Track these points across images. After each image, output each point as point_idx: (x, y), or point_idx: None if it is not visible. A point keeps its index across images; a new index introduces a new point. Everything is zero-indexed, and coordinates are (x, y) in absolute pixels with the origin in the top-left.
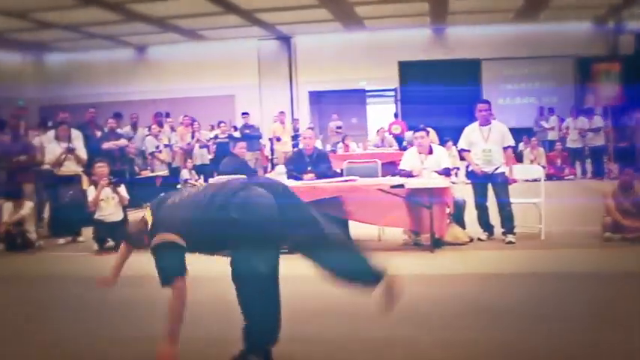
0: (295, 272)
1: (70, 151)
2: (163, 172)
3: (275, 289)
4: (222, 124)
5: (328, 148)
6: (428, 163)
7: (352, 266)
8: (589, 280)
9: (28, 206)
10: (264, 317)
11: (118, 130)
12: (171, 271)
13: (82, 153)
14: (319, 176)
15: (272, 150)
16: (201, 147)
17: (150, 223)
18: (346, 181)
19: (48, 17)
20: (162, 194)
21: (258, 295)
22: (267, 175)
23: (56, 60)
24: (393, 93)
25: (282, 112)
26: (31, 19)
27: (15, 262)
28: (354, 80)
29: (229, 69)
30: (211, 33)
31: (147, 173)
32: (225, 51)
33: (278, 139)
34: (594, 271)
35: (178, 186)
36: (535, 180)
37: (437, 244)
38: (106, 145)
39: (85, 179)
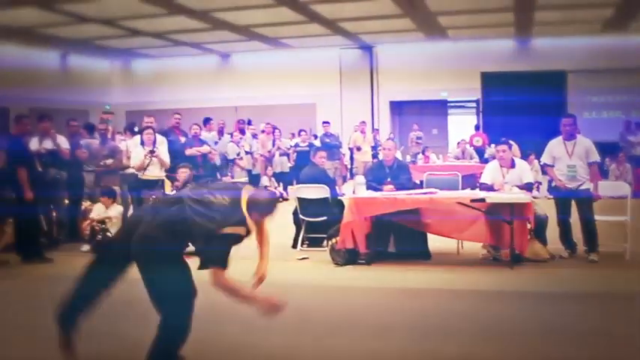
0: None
1: (152, 153)
2: (243, 178)
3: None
4: (302, 133)
5: (408, 159)
6: (509, 177)
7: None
8: None
9: (117, 210)
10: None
11: (204, 135)
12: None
13: (166, 158)
14: (399, 188)
15: (352, 159)
16: (281, 155)
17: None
18: (426, 193)
19: (136, 25)
20: None
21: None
22: (341, 186)
23: (143, 66)
24: (474, 104)
25: (363, 122)
26: (120, 26)
27: None
28: (436, 91)
29: (311, 77)
30: (294, 41)
31: (228, 180)
32: (307, 59)
33: (358, 149)
34: None
35: None
36: (621, 197)
37: (516, 259)
38: (189, 152)
39: (167, 183)
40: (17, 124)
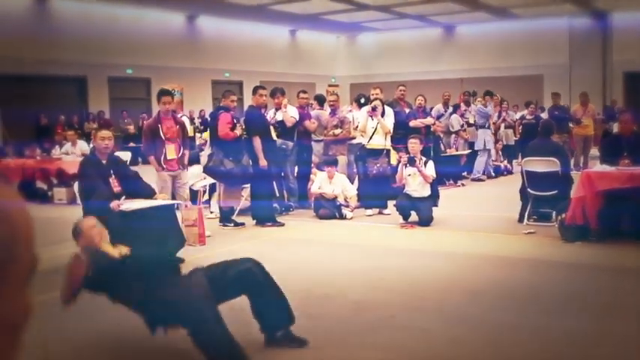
0: None
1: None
2: (467, 151)
3: None
4: (530, 105)
5: None
6: None
7: None
8: None
9: (341, 179)
10: None
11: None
12: None
13: (390, 127)
14: (637, 162)
15: None
16: (506, 127)
17: None
18: None
19: None
20: None
21: None
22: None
23: (368, 39)
24: None
25: (583, 93)
26: (348, 0)
27: (322, 229)
28: None
29: (538, 48)
30: (521, 11)
31: (452, 152)
32: (534, 29)
33: (577, 122)
34: None
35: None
36: None
37: None
38: (413, 123)
39: (393, 154)
40: (254, 95)
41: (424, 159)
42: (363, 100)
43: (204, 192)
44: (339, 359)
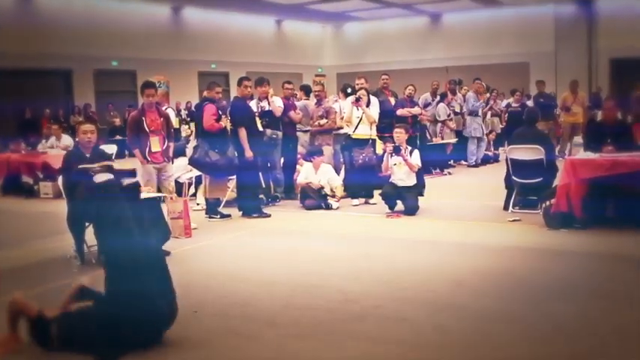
0: None
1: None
2: (453, 140)
3: None
4: (516, 93)
5: (630, 120)
6: None
7: None
8: None
9: (327, 169)
10: None
11: (415, 98)
12: None
13: (375, 117)
14: (620, 149)
15: None
16: (493, 115)
17: None
18: None
19: None
20: None
21: None
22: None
23: (354, 29)
24: None
25: (574, 81)
26: None
27: (308, 220)
28: None
29: (524, 35)
30: None
31: (438, 140)
32: (519, 17)
33: (567, 110)
34: None
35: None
36: None
37: None
38: (400, 112)
39: (378, 143)
40: (239, 87)
41: (409, 148)
42: (349, 90)
43: (190, 184)
44: (325, 349)
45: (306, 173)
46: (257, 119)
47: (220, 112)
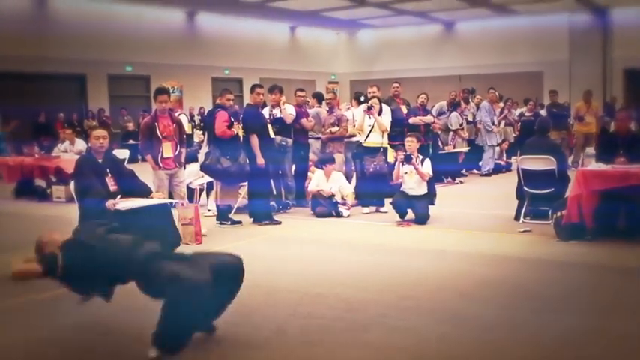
0: None
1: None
2: (465, 148)
3: None
4: (529, 103)
5: None
6: None
7: None
8: None
9: (338, 177)
10: None
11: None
12: None
13: (387, 126)
14: (632, 161)
15: None
16: (506, 125)
17: None
18: None
19: None
20: None
21: None
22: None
23: (367, 36)
24: None
25: (587, 91)
26: None
27: (319, 228)
28: None
29: (538, 44)
30: (521, 7)
31: (450, 149)
32: (534, 26)
33: (580, 119)
34: None
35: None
36: None
37: None
38: (412, 120)
39: (390, 152)
40: (252, 94)
41: (421, 157)
42: (362, 98)
43: (202, 190)
44: (330, 358)
45: (317, 181)
46: (269, 126)
47: (232, 119)
